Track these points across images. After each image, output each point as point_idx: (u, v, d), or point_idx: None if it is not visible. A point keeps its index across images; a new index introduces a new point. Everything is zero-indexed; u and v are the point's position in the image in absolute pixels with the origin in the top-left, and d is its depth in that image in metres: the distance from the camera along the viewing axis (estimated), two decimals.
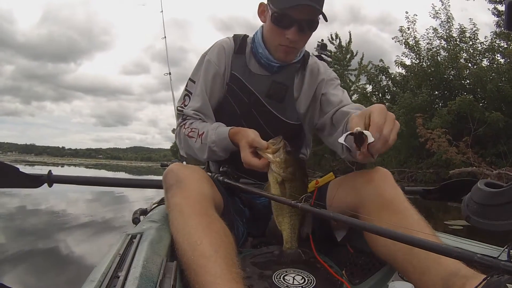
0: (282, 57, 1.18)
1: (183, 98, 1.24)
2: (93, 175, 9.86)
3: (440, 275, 0.75)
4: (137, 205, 1.53)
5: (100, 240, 2.91)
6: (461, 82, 11.91)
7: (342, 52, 18.86)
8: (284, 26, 1.11)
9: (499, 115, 9.45)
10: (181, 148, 1.23)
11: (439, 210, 5.12)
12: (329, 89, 1.25)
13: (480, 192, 0.74)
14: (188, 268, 0.72)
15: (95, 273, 0.62)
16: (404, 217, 0.89)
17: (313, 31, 1.16)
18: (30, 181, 1.51)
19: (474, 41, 12.29)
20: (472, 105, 10.34)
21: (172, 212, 0.85)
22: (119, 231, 3.05)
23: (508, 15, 0.62)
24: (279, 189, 0.90)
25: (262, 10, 1.20)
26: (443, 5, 12.88)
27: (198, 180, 0.93)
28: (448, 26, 12.81)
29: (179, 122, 1.22)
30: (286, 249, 0.95)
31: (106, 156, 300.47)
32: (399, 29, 13.57)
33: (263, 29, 1.22)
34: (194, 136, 1.13)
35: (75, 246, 2.60)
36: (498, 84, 10.12)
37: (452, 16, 12.79)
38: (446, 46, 12.61)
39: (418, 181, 10.50)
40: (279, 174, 0.90)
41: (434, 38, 13.09)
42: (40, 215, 3.90)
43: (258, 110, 1.19)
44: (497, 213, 0.70)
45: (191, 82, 1.24)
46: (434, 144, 9.75)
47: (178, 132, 1.22)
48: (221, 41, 1.27)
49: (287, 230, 0.93)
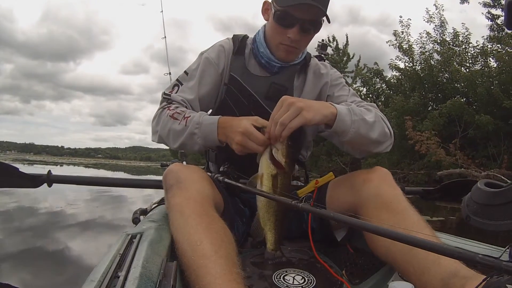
0: (282, 57, 1.17)
1: (172, 87, 1.21)
2: (93, 174, 9.86)
3: (439, 276, 0.75)
4: (137, 205, 1.53)
5: (100, 240, 2.91)
6: (454, 85, 12.05)
7: (339, 54, 18.93)
8: (287, 25, 1.10)
9: (488, 118, 9.60)
10: (154, 132, 1.16)
11: (428, 209, 5.21)
12: (334, 91, 1.24)
13: (480, 192, 0.74)
14: (188, 269, 0.72)
15: (95, 273, 0.62)
16: (403, 217, 0.89)
17: (315, 32, 1.15)
18: (30, 181, 1.51)
19: (467, 45, 12.45)
20: (463, 108, 10.49)
21: (172, 212, 0.85)
22: (119, 231, 3.05)
23: (508, 15, 0.62)
24: (271, 182, 0.90)
25: (266, 8, 1.19)
26: (437, 9, 13.03)
27: (198, 180, 0.92)
28: (441, 30, 12.96)
29: (163, 104, 1.16)
30: (271, 250, 0.95)
31: (105, 155, 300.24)
32: (393, 33, 13.73)
33: (266, 28, 1.21)
34: (179, 118, 1.08)
35: (74, 246, 2.59)
36: (489, 87, 10.26)
37: (445, 20, 12.98)
38: (440, 49, 12.74)
39: (409, 182, 10.69)
40: (281, 162, 0.90)
41: (428, 42, 13.27)
42: (40, 215, 3.89)
43: (257, 112, 1.17)
44: (497, 213, 0.70)
45: (184, 74, 1.22)
46: (423, 146, 9.90)
47: (159, 113, 1.14)
48: (221, 42, 1.26)
49: (272, 231, 0.93)
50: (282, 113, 0.89)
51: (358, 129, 0.98)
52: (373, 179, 0.99)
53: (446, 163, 9.53)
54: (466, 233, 1.17)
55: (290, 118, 0.88)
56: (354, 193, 1.00)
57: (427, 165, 10.78)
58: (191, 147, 1.09)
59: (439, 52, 12.78)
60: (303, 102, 0.91)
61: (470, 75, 11.10)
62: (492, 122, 9.62)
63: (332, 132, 1.01)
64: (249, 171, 0.97)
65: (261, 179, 0.92)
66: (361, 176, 1.02)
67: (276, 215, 0.93)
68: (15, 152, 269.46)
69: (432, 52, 13.01)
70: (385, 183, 0.98)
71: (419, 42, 13.38)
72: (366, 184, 0.98)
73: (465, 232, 1.15)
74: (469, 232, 1.42)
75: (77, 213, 4.05)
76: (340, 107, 0.98)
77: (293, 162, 0.93)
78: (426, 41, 13.26)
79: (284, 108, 0.89)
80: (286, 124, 0.88)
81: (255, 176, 0.94)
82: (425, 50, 13.21)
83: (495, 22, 12.25)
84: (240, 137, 0.95)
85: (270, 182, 0.91)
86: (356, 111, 0.99)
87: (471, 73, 11.24)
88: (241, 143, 0.95)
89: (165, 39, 2.54)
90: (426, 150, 9.96)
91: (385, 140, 1.08)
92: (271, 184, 0.91)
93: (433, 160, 9.91)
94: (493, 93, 9.90)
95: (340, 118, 0.96)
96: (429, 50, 13.17)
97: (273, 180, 0.91)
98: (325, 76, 1.27)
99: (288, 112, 0.88)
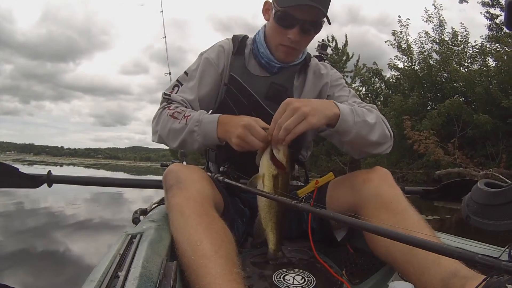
0: (282, 58, 1.17)
1: (172, 88, 1.21)
2: (92, 174, 9.85)
3: (439, 276, 0.75)
4: (136, 205, 1.53)
5: (100, 241, 2.91)
6: (453, 85, 12.09)
7: (338, 54, 18.95)
8: (287, 25, 1.10)
9: (486, 118, 9.63)
10: (154, 132, 1.15)
11: (427, 209, 5.23)
12: (334, 92, 1.24)
13: (480, 192, 0.74)
14: (188, 269, 0.72)
15: (95, 273, 0.62)
16: (403, 217, 0.89)
17: (316, 33, 1.15)
18: (30, 181, 1.51)
19: (465, 45, 12.53)
20: (461, 107, 10.53)
21: (172, 212, 0.85)
22: (119, 231, 3.05)
23: (508, 14, 0.62)
24: (272, 182, 0.90)
25: (266, 9, 1.19)
26: (435, 9, 13.07)
27: (198, 180, 0.92)
28: (440, 30, 13.01)
29: (163, 105, 1.15)
30: (273, 251, 0.95)
31: (105, 155, 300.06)
32: (392, 33, 13.78)
33: (266, 28, 1.21)
34: (179, 118, 1.07)
35: (74, 246, 2.59)
36: (488, 87, 10.31)
37: (444, 20, 13.04)
38: (439, 49, 12.78)
39: (408, 182, 10.74)
40: (283, 162, 0.89)
41: (426, 41, 13.35)
42: (39, 215, 3.90)
43: (257, 112, 1.17)
44: (497, 213, 0.70)
45: (184, 74, 1.22)
46: (421, 145, 9.94)
47: (159, 113, 1.14)
48: (220, 42, 1.26)
49: (273, 231, 0.93)
50: (287, 117, 0.87)
51: (360, 130, 0.98)
52: (373, 179, 0.99)
53: (445, 162, 9.57)
54: (466, 233, 1.18)
55: (295, 123, 0.87)
56: (354, 193, 1.00)
57: (426, 165, 10.83)
58: (190, 145, 1.08)
59: (438, 52, 12.84)
60: (308, 106, 0.89)
61: (468, 75, 11.14)
62: (490, 121, 9.66)
63: (333, 132, 1.01)
64: (249, 171, 0.97)
65: (263, 180, 0.92)
66: (361, 176, 1.02)
67: (277, 216, 0.93)
68: (15, 152, 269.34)
69: (431, 52, 13.08)
70: (385, 183, 0.98)
71: (418, 42, 13.47)
72: (366, 184, 0.98)
73: (465, 232, 1.16)
74: (468, 232, 1.42)
75: (77, 214, 4.05)
76: (343, 106, 0.98)
77: (293, 162, 0.93)
78: (425, 40, 13.35)
79: (288, 113, 0.88)
80: (290, 130, 0.87)
81: (255, 176, 0.94)
82: (424, 50, 13.28)
83: (494, 22, 12.29)
84: (241, 129, 0.93)
85: (271, 182, 0.91)
86: (359, 111, 0.99)
87: (469, 73, 11.29)
88: (242, 136, 0.93)
89: (165, 39, 2.54)
90: (424, 149, 10.01)
91: (385, 141, 1.08)
92: (272, 184, 0.91)
93: (432, 159, 9.97)
94: (492, 92, 9.93)
95: (343, 118, 0.96)
96: (427, 49, 13.25)
97: (274, 180, 0.91)
98: (325, 77, 1.27)
99: (293, 117, 0.87)
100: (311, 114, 0.88)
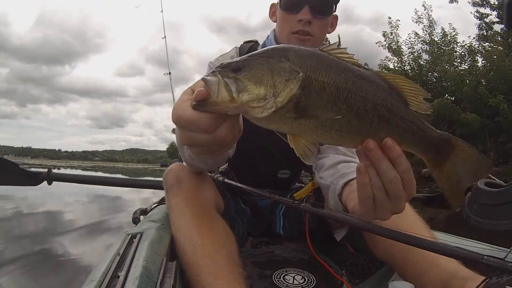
0: None
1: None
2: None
3: (439, 277, 0.75)
4: (135, 206, 1.52)
5: (100, 241, 2.90)
6: (443, 84, 12.17)
7: None
8: (295, 8, 1.05)
9: (474, 116, 9.69)
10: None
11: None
12: None
13: (480, 192, 0.74)
14: (189, 268, 0.71)
15: (95, 272, 0.62)
16: (402, 217, 0.88)
17: (327, 16, 1.09)
18: (29, 178, 1.45)
19: (454, 45, 12.67)
20: (450, 106, 10.61)
21: (172, 212, 0.85)
22: (118, 232, 3.04)
23: (508, 14, 0.63)
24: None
25: (273, 11, 1.17)
26: (425, 9, 13.20)
27: (198, 180, 0.92)
28: (430, 31, 13.14)
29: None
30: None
31: (103, 158, 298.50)
32: (382, 34, 13.89)
33: (275, 30, 1.17)
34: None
35: (74, 247, 2.58)
36: (476, 86, 10.39)
37: (434, 21, 13.20)
38: (429, 49, 12.90)
39: None
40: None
41: (416, 42, 13.47)
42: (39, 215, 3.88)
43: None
44: (497, 213, 0.70)
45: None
46: None
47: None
48: (230, 52, 1.22)
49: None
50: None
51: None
52: None
53: None
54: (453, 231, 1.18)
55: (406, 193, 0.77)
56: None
57: (414, 163, 10.90)
58: (210, 168, 1.00)
59: (427, 52, 12.97)
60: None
61: (457, 75, 11.26)
62: (478, 120, 9.75)
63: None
64: (249, 170, 0.97)
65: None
66: None
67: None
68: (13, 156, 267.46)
69: (421, 52, 13.24)
70: None
71: (408, 43, 13.62)
72: None
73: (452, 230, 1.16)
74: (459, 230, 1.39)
75: (77, 214, 4.04)
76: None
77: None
78: (415, 41, 13.49)
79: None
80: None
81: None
82: (414, 50, 13.44)
83: (483, 21, 12.41)
84: (182, 135, 0.53)
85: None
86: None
87: (458, 72, 11.42)
88: (187, 143, 0.53)
89: (165, 39, 2.54)
90: None
91: None
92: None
93: (420, 157, 10.06)
94: (479, 91, 10.01)
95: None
96: (417, 50, 13.41)
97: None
98: None
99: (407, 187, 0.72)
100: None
